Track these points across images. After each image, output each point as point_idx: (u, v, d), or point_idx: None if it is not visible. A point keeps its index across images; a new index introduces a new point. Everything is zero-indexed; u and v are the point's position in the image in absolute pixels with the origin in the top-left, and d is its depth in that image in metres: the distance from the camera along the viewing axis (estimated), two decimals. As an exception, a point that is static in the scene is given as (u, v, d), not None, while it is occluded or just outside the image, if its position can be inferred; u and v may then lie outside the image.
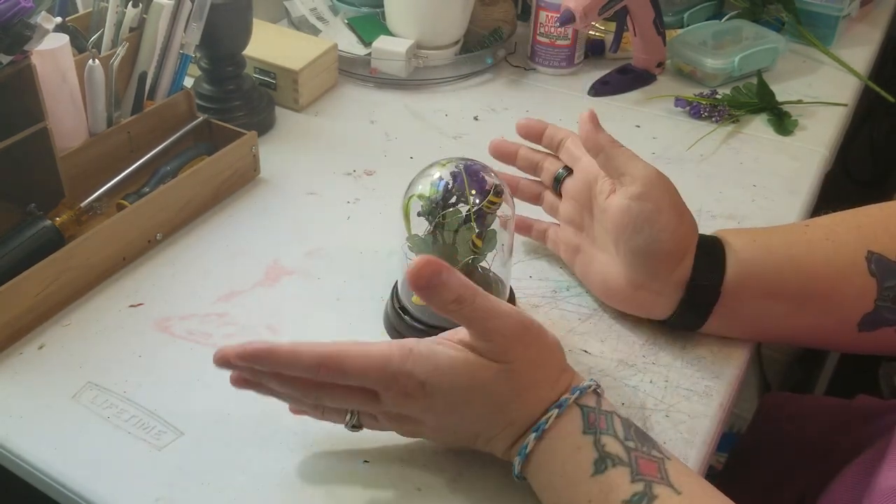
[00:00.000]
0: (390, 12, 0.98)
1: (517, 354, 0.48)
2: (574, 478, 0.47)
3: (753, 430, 0.86)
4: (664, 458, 0.46)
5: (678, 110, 0.94)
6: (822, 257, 0.59)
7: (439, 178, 0.57)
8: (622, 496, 0.45)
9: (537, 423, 0.48)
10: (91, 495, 0.51)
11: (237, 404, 0.57)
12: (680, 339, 0.63)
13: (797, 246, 0.60)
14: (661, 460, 0.46)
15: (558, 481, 0.47)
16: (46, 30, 0.59)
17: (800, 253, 0.59)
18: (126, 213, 0.67)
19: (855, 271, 0.58)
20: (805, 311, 0.59)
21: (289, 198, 0.77)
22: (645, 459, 0.46)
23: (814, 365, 1.55)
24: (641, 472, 0.45)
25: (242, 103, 0.84)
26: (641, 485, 0.45)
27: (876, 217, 0.61)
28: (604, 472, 0.46)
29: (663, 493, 0.44)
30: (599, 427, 0.47)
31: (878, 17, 1.19)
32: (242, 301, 0.66)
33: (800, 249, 0.59)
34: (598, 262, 0.64)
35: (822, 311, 0.59)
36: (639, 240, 0.58)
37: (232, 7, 0.79)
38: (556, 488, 0.48)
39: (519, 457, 0.49)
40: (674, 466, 0.46)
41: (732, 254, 0.59)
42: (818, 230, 0.61)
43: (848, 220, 0.61)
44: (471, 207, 0.56)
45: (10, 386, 0.58)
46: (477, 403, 0.49)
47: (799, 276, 0.59)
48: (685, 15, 1.10)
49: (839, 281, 0.58)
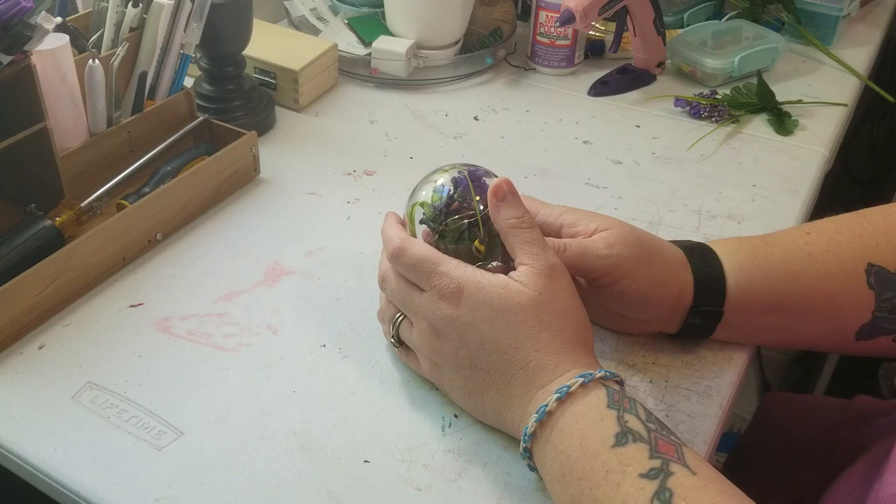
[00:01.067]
0: (390, 12, 0.98)
1: (547, 287, 0.51)
2: (593, 447, 0.47)
3: (753, 430, 0.86)
4: (681, 443, 0.47)
5: (678, 110, 0.94)
6: (823, 270, 0.59)
7: (442, 184, 0.57)
8: (640, 469, 0.45)
9: (559, 386, 0.49)
10: (91, 495, 0.51)
11: (237, 404, 0.57)
12: (680, 339, 0.63)
13: (798, 261, 0.59)
14: (678, 444, 0.47)
15: (575, 448, 0.47)
16: (46, 30, 0.59)
17: (801, 267, 0.59)
18: (126, 213, 0.67)
19: (854, 283, 0.58)
20: (804, 322, 0.60)
21: (289, 198, 0.77)
22: (664, 441, 0.46)
23: (814, 365, 1.55)
24: (660, 450, 0.46)
25: (242, 103, 0.84)
26: (659, 461, 0.45)
27: (878, 226, 0.61)
28: (624, 445, 0.46)
29: (679, 471, 0.45)
30: (623, 406, 0.48)
31: (878, 17, 1.19)
32: (242, 301, 0.66)
33: (800, 264, 0.59)
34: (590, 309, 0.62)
35: (821, 321, 0.60)
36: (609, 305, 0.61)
37: (232, 7, 0.79)
38: (571, 455, 0.47)
39: (536, 415, 0.49)
40: (690, 452, 0.47)
41: (733, 275, 0.59)
42: (819, 239, 0.60)
43: (850, 228, 0.61)
44: (476, 212, 0.56)
45: (10, 386, 0.58)
46: (501, 327, 0.51)
47: (800, 289, 0.59)
48: (685, 15, 1.10)
49: (838, 293, 0.59)
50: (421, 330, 0.54)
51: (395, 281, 0.56)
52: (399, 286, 0.55)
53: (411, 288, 0.55)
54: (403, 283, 0.55)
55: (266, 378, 0.59)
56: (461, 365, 0.53)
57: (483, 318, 0.51)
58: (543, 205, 0.62)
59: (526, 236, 0.53)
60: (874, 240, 0.60)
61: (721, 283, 0.59)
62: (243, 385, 0.58)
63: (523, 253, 0.53)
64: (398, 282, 0.55)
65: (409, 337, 0.56)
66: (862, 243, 0.59)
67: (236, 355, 0.61)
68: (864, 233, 0.60)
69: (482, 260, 0.58)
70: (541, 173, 0.82)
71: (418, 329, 0.55)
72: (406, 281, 0.55)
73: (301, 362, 0.60)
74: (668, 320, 0.61)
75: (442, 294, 0.52)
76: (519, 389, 0.51)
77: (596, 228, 0.59)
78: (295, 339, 0.62)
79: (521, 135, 0.89)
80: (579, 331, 0.52)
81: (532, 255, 0.52)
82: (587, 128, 0.91)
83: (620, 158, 0.85)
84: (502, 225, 0.54)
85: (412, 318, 0.55)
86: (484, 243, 0.57)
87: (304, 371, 0.60)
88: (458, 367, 0.53)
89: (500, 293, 0.51)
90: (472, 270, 0.53)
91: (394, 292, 0.56)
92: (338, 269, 0.69)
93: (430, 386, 0.59)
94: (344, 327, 0.63)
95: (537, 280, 0.52)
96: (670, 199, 0.79)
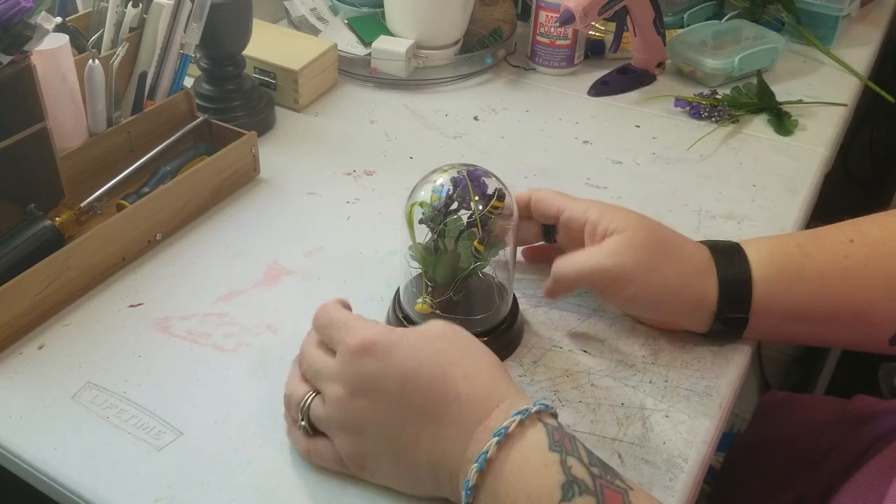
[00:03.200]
0: (390, 12, 0.98)
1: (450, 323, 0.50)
2: (540, 501, 0.43)
3: (753, 429, 0.86)
4: (627, 488, 0.44)
5: (678, 110, 0.94)
6: (857, 285, 0.57)
7: (441, 184, 0.57)
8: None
9: (497, 427, 0.45)
10: (91, 495, 0.51)
11: (237, 404, 0.57)
12: (680, 339, 0.63)
13: (831, 276, 0.58)
14: (624, 491, 0.44)
15: (522, 501, 0.43)
16: (46, 30, 0.59)
17: (833, 283, 0.58)
18: (126, 213, 0.67)
19: (888, 296, 0.57)
20: (831, 329, 0.59)
21: (289, 198, 0.77)
22: (610, 490, 0.43)
23: (813, 365, 1.55)
24: (606, 502, 0.43)
25: (242, 103, 0.84)
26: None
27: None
28: (571, 499, 0.42)
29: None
30: (565, 447, 0.44)
31: (878, 17, 1.19)
32: (242, 301, 0.66)
33: (834, 280, 0.58)
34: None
35: (852, 330, 0.59)
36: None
37: (232, 7, 0.79)
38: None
39: (476, 464, 0.44)
40: (637, 498, 0.44)
41: (760, 284, 0.58)
42: (861, 251, 0.58)
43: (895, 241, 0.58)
44: (474, 212, 0.56)
45: (10, 386, 0.58)
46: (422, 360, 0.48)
47: (828, 303, 0.58)
48: (685, 15, 1.10)
49: (871, 307, 0.57)
50: (335, 397, 0.49)
51: (311, 352, 0.53)
52: (314, 355, 0.52)
53: (325, 354, 0.52)
54: (319, 351, 0.52)
55: (266, 378, 0.59)
56: (384, 423, 0.48)
57: (401, 358, 0.48)
58: (570, 200, 0.62)
59: None
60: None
61: (747, 291, 0.58)
62: (243, 385, 0.58)
63: None
64: (314, 352, 0.53)
65: (320, 415, 0.51)
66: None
67: (236, 355, 0.61)
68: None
69: (481, 260, 0.58)
70: (541, 173, 0.82)
71: (331, 398, 0.50)
72: (321, 349, 0.52)
73: (301, 362, 0.60)
74: (692, 322, 0.61)
75: (352, 349, 0.49)
76: (453, 431, 0.46)
77: (610, 230, 0.59)
78: (295, 339, 0.62)
79: (521, 135, 0.89)
80: (492, 355, 0.50)
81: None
82: (587, 128, 0.91)
83: (620, 158, 0.85)
84: None
85: (325, 389, 0.50)
86: (483, 243, 0.57)
87: (304, 371, 0.60)
88: (381, 426, 0.48)
89: (412, 330, 0.50)
90: (383, 325, 0.51)
91: (309, 363, 0.53)
92: (337, 269, 0.69)
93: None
94: (344, 327, 0.63)
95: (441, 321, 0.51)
96: (670, 199, 0.79)
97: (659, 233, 0.59)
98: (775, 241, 0.61)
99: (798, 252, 0.59)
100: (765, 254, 0.59)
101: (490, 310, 0.61)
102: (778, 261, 0.59)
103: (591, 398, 0.58)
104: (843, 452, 0.71)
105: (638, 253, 0.58)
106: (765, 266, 0.58)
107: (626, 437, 0.56)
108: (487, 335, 0.60)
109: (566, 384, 0.59)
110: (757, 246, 0.60)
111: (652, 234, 0.59)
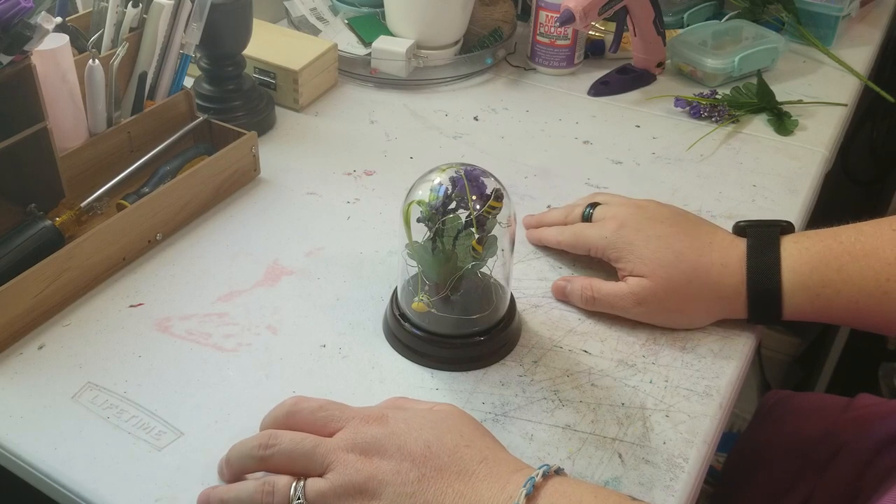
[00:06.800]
0: (390, 12, 0.98)
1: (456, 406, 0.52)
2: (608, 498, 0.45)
3: (755, 429, 0.86)
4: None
5: (678, 110, 0.94)
6: (890, 306, 0.57)
7: (439, 183, 0.57)
8: None
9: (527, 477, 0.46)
10: (91, 495, 0.51)
11: (237, 404, 0.57)
12: (680, 339, 0.63)
13: (867, 299, 0.58)
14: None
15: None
16: (46, 30, 0.59)
17: (868, 306, 0.58)
18: (126, 213, 0.67)
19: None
20: (859, 325, 0.61)
21: (289, 198, 0.77)
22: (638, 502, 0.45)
23: (814, 364, 1.55)
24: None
25: (242, 103, 0.84)
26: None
27: None
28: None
29: None
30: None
31: (878, 17, 1.19)
32: (242, 301, 0.66)
33: (868, 302, 0.58)
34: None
35: (879, 328, 0.61)
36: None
37: (232, 7, 0.79)
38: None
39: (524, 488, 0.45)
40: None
41: (789, 304, 0.60)
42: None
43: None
44: (471, 212, 0.56)
45: (10, 386, 0.58)
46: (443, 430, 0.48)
47: (857, 315, 0.59)
48: (685, 15, 1.10)
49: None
50: (346, 463, 0.47)
51: (290, 435, 0.50)
52: (297, 438, 0.49)
53: (310, 435, 0.49)
54: (301, 434, 0.50)
55: (266, 378, 0.59)
56: (406, 480, 0.46)
57: (421, 426, 0.48)
58: (589, 229, 0.66)
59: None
60: None
61: (777, 311, 0.60)
62: (243, 385, 0.58)
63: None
64: (293, 437, 0.49)
65: (322, 488, 0.47)
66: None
67: (236, 355, 0.61)
68: None
69: (479, 259, 0.58)
70: (541, 173, 0.82)
71: (342, 467, 0.47)
72: (297, 435, 0.49)
73: (301, 362, 0.60)
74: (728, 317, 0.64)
75: (365, 419, 0.49)
76: (485, 484, 0.46)
77: (636, 273, 0.62)
78: (295, 339, 0.62)
79: (521, 135, 0.89)
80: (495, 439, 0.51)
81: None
82: (587, 128, 0.91)
83: (620, 158, 0.85)
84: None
85: (327, 463, 0.48)
86: (481, 243, 0.57)
87: (304, 371, 0.60)
88: (404, 484, 0.46)
89: (426, 406, 0.52)
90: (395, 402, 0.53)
91: (292, 447, 0.49)
92: (337, 269, 0.69)
93: (429, 385, 0.59)
94: (344, 327, 0.63)
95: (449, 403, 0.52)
96: (670, 199, 0.79)
97: (680, 272, 0.61)
98: (819, 252, 0.60)
99: (836, 277, 0.59)
100: (805, 266, 0.59)
101: (487, 309, 0.61)
102: (815, 284, 0.59)
103: (592, 398, 0.58)
104: (852, 453, 0.71)
105: (663, 301, 0.62)
106: (799, 290, 0.60)
107: (627, 437, 0.56)
108: (484, 334, 0.60)
109: (566, 384, 0.59)
110: (799, 255, 0.60)
111: (672, 279, 0.61)
